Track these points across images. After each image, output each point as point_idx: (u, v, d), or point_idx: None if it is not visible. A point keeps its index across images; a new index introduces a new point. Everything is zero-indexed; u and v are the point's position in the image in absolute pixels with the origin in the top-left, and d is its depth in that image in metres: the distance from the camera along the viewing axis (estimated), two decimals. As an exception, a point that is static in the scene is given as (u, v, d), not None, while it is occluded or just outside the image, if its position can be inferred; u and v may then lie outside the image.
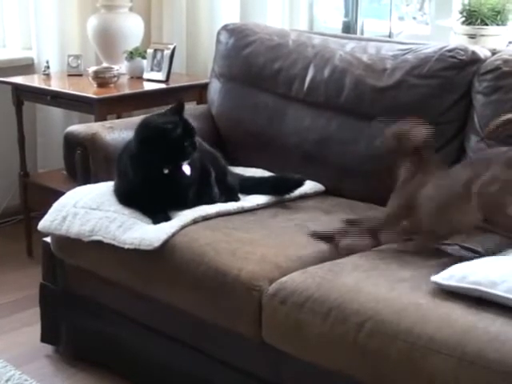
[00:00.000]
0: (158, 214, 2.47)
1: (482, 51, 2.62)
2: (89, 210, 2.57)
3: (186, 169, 2.50)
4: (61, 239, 2.64)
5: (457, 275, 1.95)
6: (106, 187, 2.66)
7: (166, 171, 2.47)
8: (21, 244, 3.70)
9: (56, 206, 2.66)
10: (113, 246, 2.44)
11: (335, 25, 3.60)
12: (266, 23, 3.45)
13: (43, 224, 2.64)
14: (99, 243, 2.48)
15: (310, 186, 2.75)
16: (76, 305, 2.78)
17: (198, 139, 2.51)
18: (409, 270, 2.11)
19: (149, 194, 2.49)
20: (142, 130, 2.50)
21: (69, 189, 2.77)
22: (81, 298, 2.75)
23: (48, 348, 2.90)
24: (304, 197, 2.73)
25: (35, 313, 2.91)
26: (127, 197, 2.56)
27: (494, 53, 2.62)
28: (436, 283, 1.97)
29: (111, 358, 2.72)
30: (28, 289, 3.20)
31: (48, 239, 2.76)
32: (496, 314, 1.83)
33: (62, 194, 2.74)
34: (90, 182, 2.80)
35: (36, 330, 2.89)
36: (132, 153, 2.51)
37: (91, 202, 2.60)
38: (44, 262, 2.85)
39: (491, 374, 1.71)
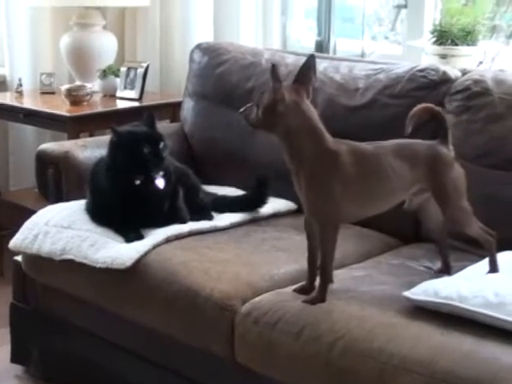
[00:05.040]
0: (131, 233, 2.46)
1: (453, 71, 2.65)
2: (60, 229, 2.55)
3: (160, 182, 2.50)
4: (32, 258, 2.62)
5: (429, 290, 1.96)
6: (78, 206, 2.65)
7: (137, 182, 2.47)
8: (-8, 263, 3.66)
9: (27, 224, 2.64)
10: (84, 265, 2.42)
11: (308, 44, 3.62)
12: (240, 42, 3.47)
13: (14, 242, 2.63)
14: (71, 262, 2.47)
15: (282, 205, 2.76)
16: (47, 325, 2.76)
17: (167, 156, 2.52)
18: (380, 289, 2.12)
19: (121, 207, 2.49)
20: (110, 137, 2.52)
21: (41, 207, 2.76)
22: (52, 317, 2.73)
23: (18, 368, 2.87)
24: (277, 215, 2.73)
25: (5, 333, 2.88)
26: (100, 213, 2.56)
27: (464, 73, 2.64)
28: (407, 298, 1.98)
29: (82, 379, 2.69)
30: (-2, 308, 3.17)
31: (19, 258, 2.73)
32: (466, 332, 1.85)
33: (34, 212, 2.72)
34: (62, 201, 2.79)
35: (6, 350, 2.86)
36: (106, 165, 2.53)
37: (63, 220, 2.59)
38: (15, 281, 2.83)
39: (462, 393, 1.72)
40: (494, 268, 2.12)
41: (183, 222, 2.54)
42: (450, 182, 2.13)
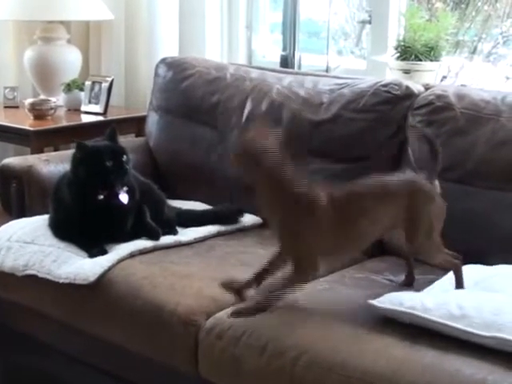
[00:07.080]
0: (94, 248, 2.45)
1: (416, 86, 2.67)
2: (23, 244, 2.54)
3: (124, 197, 2.49)
4: (-6, 274, 2.59)
5: (394, 300, 1.98)
6: (42, 221, 2.63)
7: (100, 197, 2.45)
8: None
9: (-11, 239, 2.62)
10: (48, 280, 2.41)
11: (273, 58, 3.63)
12: (205, 56, 3.47)
13: (-24, 258, 2.60)
14: (34, 278, 2.45)
15: (247, 219, 2.76)
16: (11, 341, 2.73)
17: (131, 169, 2.51)
18: (344, 302, 2.13)
19: (85, 222, 2.48)
20: (73, 152, 2.51)
21: (3, 222, 2.74)
22: (16, 333, 2.70)
23: (-19, 386, 2.84)
24: (242, 229, 2.73)
25: (-33, 350, 2.85)
26: (63, 228, 2.54)
27: (427, 88, 2.67)
28: (372, 306, 1.99)
29: (46, 396, 2.67)
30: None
31: (-19, 274, 2.71)
32: (428, 345, 1.86)
33: (-3, 227, 2.70)
34: (25, 216, 2.77)
35: (-32, 367, 2.83)
36: (69, 180, 2.51)
37: (26, 235, 2.57)
38: (-23, 297, 2.80)
39: (425, 406, 1.72)
40: (460, 286, 2.13)
41: (156, 238, 2.53)
42: (424, 219, 2.10)
